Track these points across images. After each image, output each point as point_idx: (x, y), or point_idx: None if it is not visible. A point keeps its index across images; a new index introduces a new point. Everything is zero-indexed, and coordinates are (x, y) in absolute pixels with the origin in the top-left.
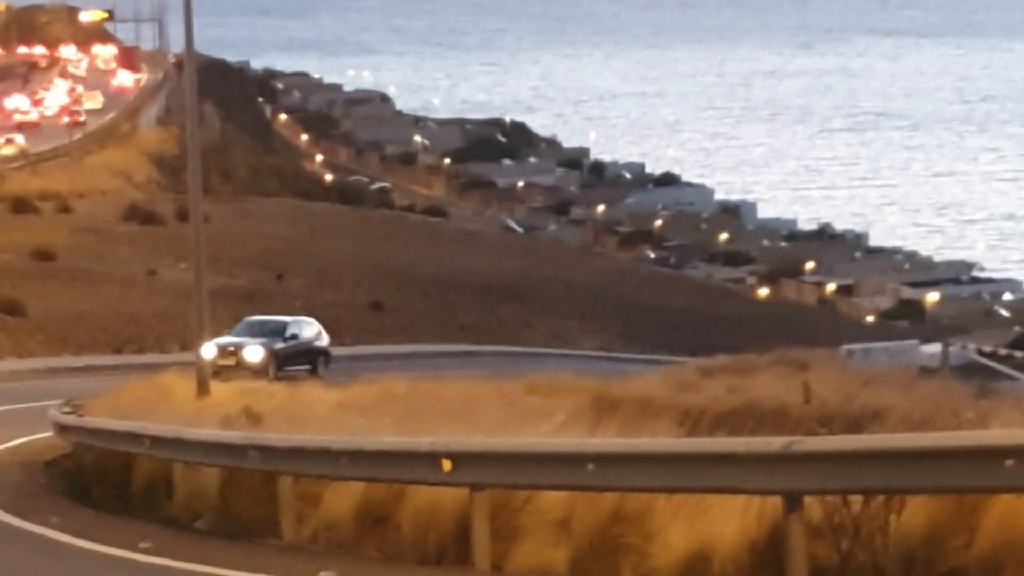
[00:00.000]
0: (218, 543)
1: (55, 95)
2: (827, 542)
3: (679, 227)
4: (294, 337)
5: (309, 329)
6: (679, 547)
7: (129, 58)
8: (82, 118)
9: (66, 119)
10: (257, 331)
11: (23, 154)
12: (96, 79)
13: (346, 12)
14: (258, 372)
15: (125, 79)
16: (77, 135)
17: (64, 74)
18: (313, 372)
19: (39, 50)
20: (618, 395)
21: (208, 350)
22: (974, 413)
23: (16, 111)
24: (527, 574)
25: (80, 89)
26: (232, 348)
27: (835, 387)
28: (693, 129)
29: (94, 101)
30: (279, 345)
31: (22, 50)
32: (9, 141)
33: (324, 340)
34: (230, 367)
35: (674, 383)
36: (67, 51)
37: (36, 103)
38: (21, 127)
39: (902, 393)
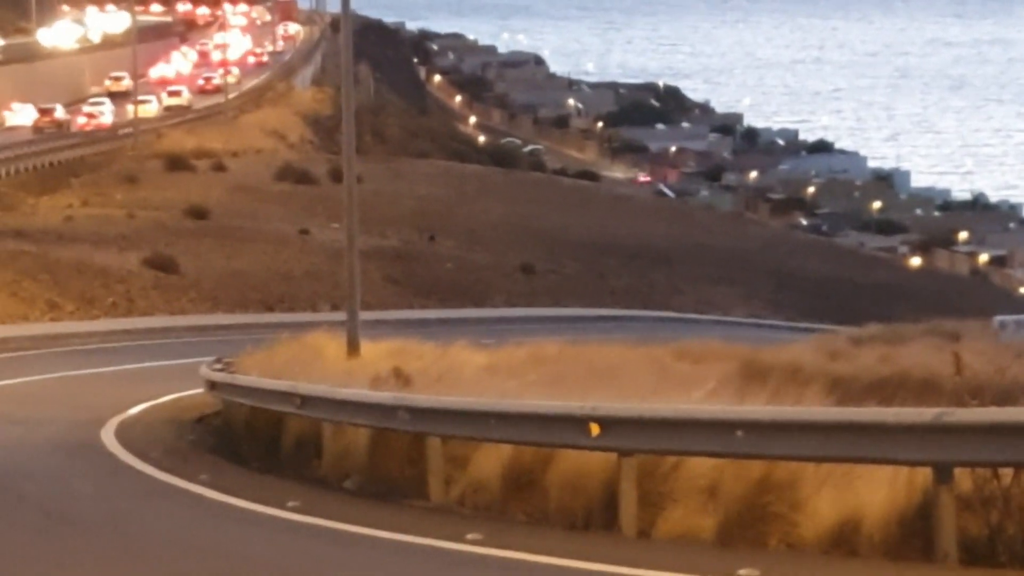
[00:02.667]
0: (365, 503)
1: (234, 46)
2: (976, 514)
3: (831, 195)
4: None
5: None
6: (827, 516)
7: (287, 11)
8: (265, 58)
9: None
10: None
11: (189, 108)
12: (259, 33)
13: None
14: None
15: (290, 28)
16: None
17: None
18: None
19: (202, 10)
20: (768, 362)
21: None
22: None
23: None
24: (674, 541)
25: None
26: None
27: (986, 359)
28: (849, 97)
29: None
30: None
31: (184, 8)
32: (175, 94)
33: None
34: None
35: (824, 351)
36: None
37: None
38: (204, 91)
39: None
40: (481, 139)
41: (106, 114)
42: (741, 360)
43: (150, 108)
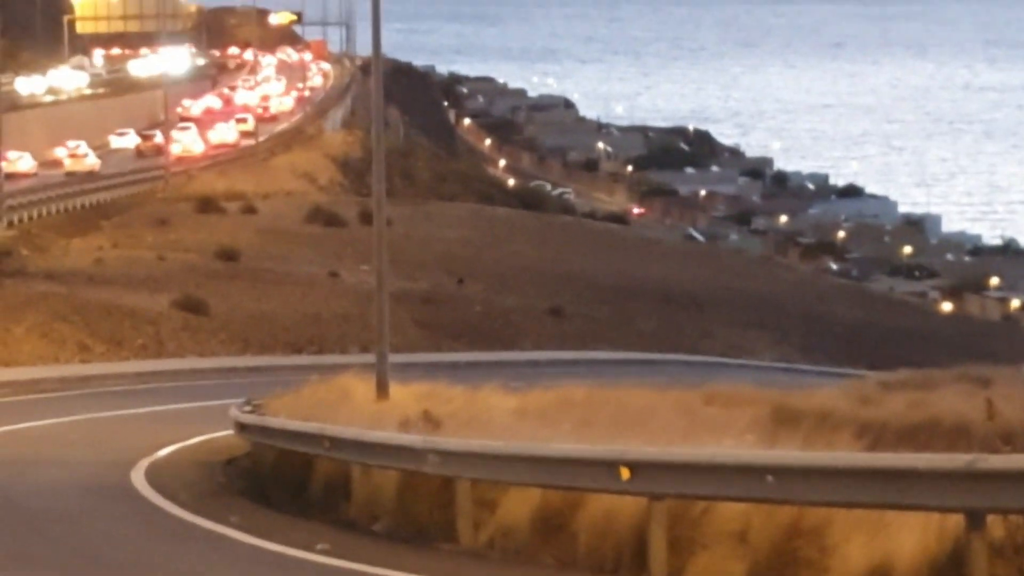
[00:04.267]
0: (395, 546)
1: (271, 87)
2: (1009, 562)
3: (862, 239)
4: None
5: None
6: (858, 562)
7: (319, 52)
8: (307, 93)
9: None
10: None
11: (254, 134)
12: (290, 74)
13: (532, 20)
14: None
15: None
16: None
17: (255, 71)
18: None
19: (248, 54)
20: (798, 407)
21: None
22: None
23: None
24: None
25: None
26: None
27: (1018, 405)
28: (879, 142)
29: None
30: None
31: (234, 50)
32: (242, 120)
33: None
34: None
35: (855, 396)
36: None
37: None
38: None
39: None
40: (510, 182)
41: (192, 140)
42: (771, 405)
43: (227, 136)
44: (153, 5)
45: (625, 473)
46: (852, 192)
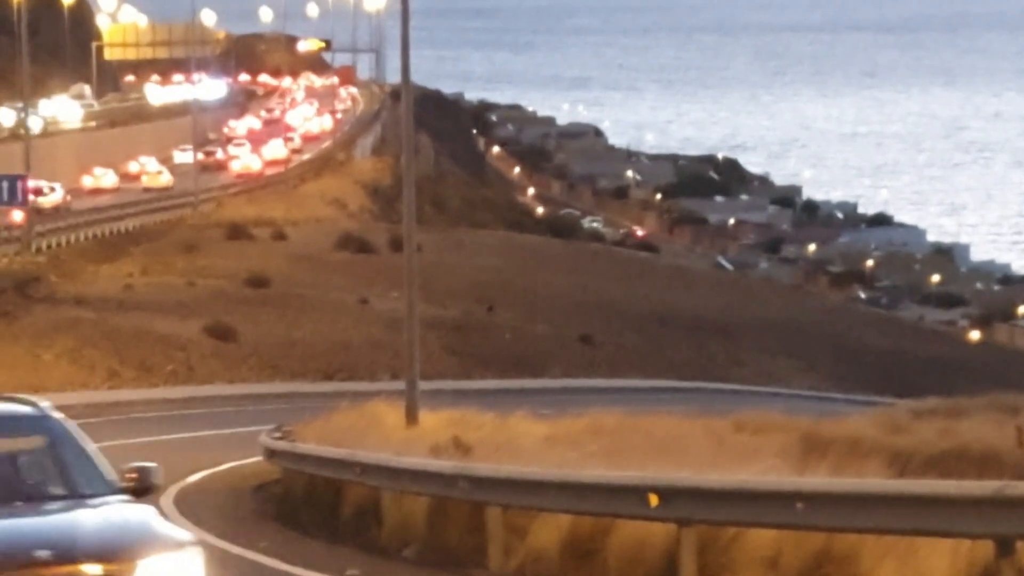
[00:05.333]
0: (425, 572)
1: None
2: None
3: (891, 268)
4: None
5: None
6: None
7: (347, 77)
8: (339, 115)
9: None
10: None
11: (301, 151)
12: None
13: (563, 48)
14: None
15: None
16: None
17: (286, 97)
18: None
19: (282, 81)
20: (828, 435)
21: None
22: None
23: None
24: None
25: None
26: None
27: None
28: (908, 170)
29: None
30: None
31: (264, 78)
32: (289, 139)
33: None
34: None
35: (885, 424)
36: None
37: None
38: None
39: None
40: (540, 210)
41: (250, 157)
42: (801, 432)
43: (278, 152)
44: (182, 31)
45: (654, 500)
46: (881, 221)
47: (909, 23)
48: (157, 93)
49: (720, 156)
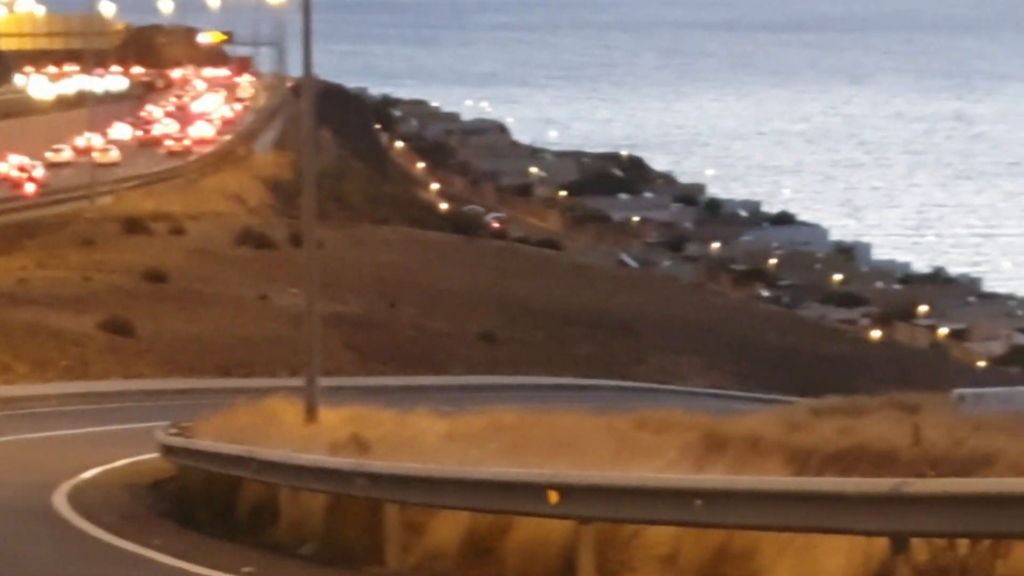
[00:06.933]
0: (322, 570)
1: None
2: None
3: (793, 266)
4: None
5: None
6: None
7: (244, 67)
8: (247, 103)
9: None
10: None
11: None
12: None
13: (470, 43)
14: None
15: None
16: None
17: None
18: None
19: (185, 72)
20: (728, 433)
21: None
22: None
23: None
24: None
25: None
26: None
27: (945, 431)
28: (811, 170)
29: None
30: None
31: (177, 73)
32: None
33: None
34: None
35: (784, 422)
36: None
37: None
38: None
39: (1013, 439)
40: (443, 206)
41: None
42: (701, 430)
43: (204, 132)
44: (79, 22)
45: (553, 497)
46: (784, 219)
47: (808, 23)
48: (45, 86)
49: (624, 154)
